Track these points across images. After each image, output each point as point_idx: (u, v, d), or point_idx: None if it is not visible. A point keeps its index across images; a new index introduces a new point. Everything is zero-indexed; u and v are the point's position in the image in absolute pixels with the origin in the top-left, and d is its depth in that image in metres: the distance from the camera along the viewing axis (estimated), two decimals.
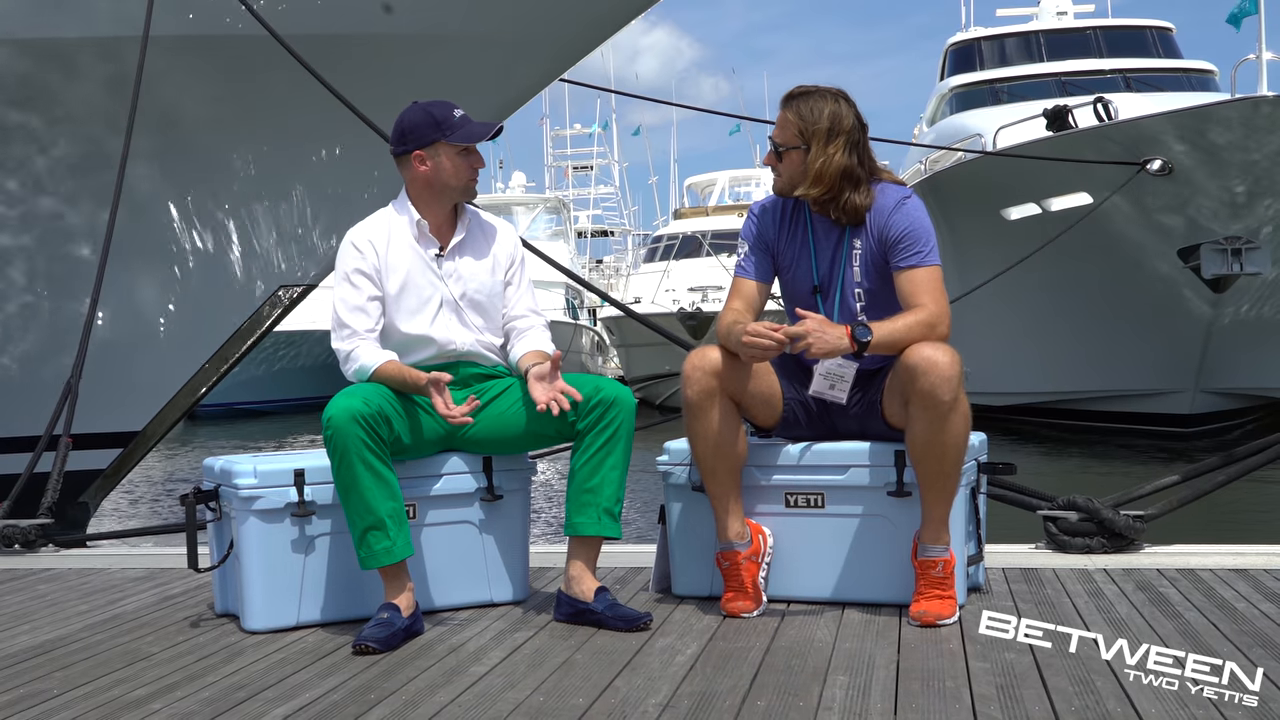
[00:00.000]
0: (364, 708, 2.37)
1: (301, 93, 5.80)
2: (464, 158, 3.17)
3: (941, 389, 2.84)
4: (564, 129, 52.36)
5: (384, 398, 3.02)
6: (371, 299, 3.16)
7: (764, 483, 3.17)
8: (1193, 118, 11.67)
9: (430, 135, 3.13)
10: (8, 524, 4.53)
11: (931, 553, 2.94)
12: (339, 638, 2.98)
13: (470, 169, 3.18)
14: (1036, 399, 15.76)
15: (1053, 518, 3.75)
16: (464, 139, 3.14)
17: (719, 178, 36.16)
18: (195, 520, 3.23)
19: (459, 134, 3.13)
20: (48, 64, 6.21)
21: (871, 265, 3.10)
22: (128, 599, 3.57)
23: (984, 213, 14.23)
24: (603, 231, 49.17)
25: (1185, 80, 18.05)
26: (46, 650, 2.96)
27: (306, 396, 24.88)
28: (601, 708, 2.31)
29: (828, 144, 3.03)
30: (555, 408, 3.01)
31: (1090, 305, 13.83)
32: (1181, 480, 4.16)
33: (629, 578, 3.54)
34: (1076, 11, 21.54)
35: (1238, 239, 11.97)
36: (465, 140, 3.14)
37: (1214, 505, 5.10)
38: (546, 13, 6.81)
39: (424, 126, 3.13)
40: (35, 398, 5.72)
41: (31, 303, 6.82)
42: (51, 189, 6.58)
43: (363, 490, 2.94)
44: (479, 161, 3.20)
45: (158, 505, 11.76)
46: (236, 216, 7.05)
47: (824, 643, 2.74)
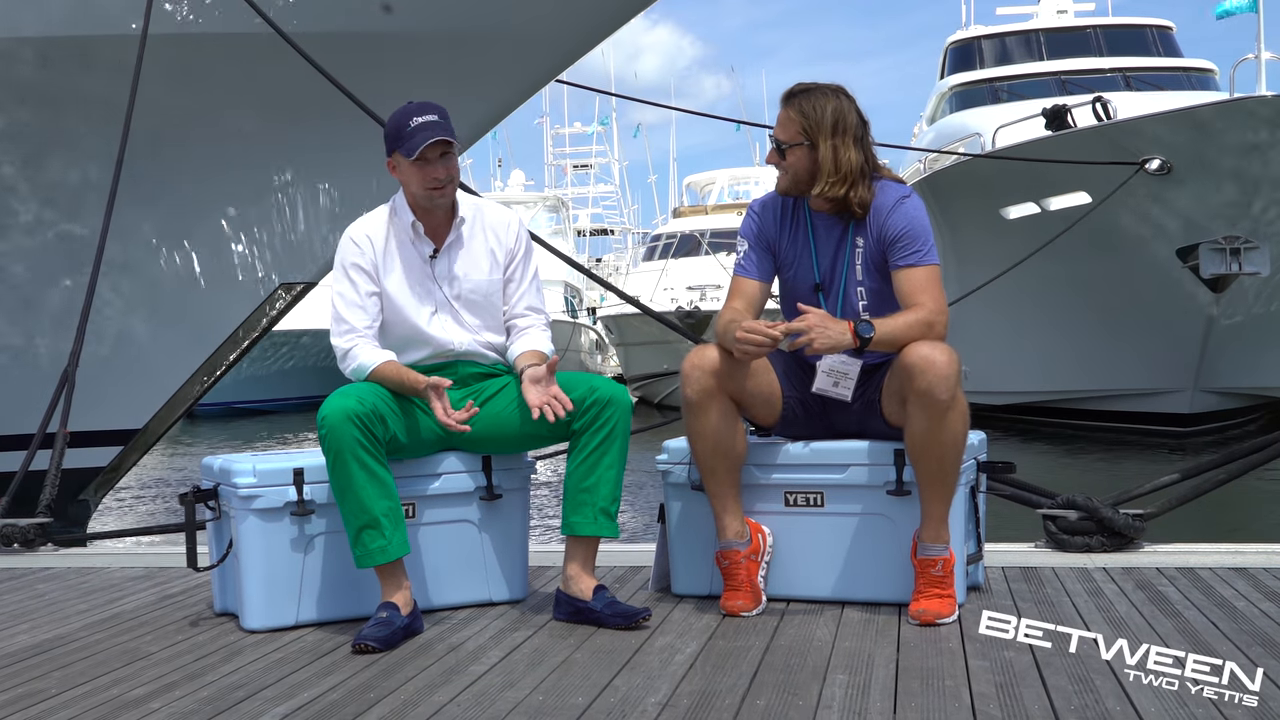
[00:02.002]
0: (363, 707, 2.37)
1: (304, 89, 5.80)
2: (418, 168, 3.08)
3: (939, 388, 2.84)
4: (564, 127, 52.42)
5: (379, 397, 3.02)
6: (370, 295, 3.16)
7: (763, 481, 3.17)
8: (1192, 117, 11.67)
9: (390, 145, 3.11)
10: (7, 523, 4.53)
11: (931, 551, 2.94)
12: (338, 637, 2.97)
13: (425, 178, 3.09)
14: (1035, 398, 15.77)
15: (1052, 516, 3.75)
16: (407, 153, 3.06)
17: (718, 176, 36.18)
18: (194, 519, 3.23)
19: (405, 146, 3.07)
20: (66, 61, 6.21)
21: (872, 263, 3.10)
22: (127, 598, 3.57)
23: (983, 212, 14.24)
24: (602, 230, 49.19)
25: (1185, 79, 18.06)
26: (45, 649, 2.96)
27: (306, 395, 24.88)
28: (601, 707, 2.30)
29: (837, 140, 3.03)
30: (550, 413, 3.00)
31: (1089, 305, 13.84)
32: (1181, 479, 4.17)
33: (628, 577, 3.53)
34: (1076, 10, 21.56)
35: (1236, 238, 11.97)
36: (407, 155, 3.06)
37: (1214, 504, 5.10)
38: (545, 12, 6.81)
39: (389, 135, 3.11)
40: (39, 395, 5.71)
41: (33, 298, 6.82)
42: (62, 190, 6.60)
43: (357, 489, 2.94)
44: (437, 172, 3.09)
45: (156, 505, 11.76)
46: (237, 214, 7.05)
47: (823, 641, 2.74)
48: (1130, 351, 13.78)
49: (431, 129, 3.06)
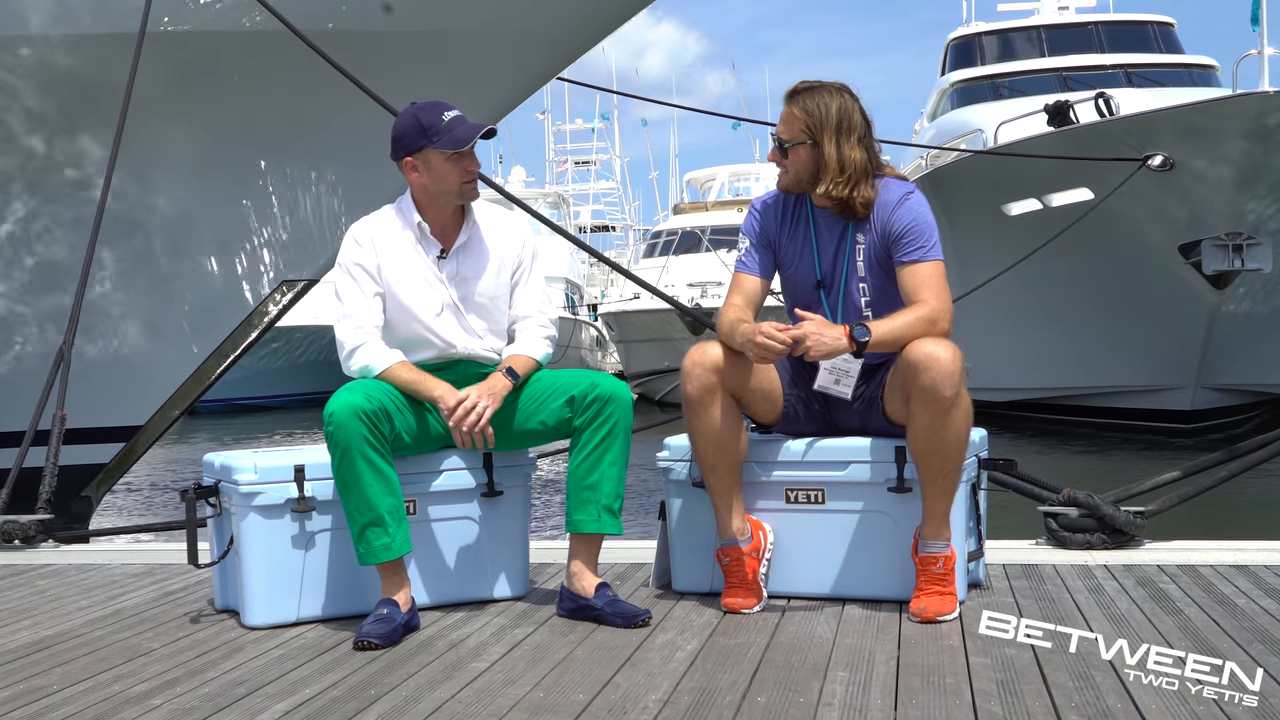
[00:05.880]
0: (364, 703, 2.37)
1: (308, 85, 5.80)
2: (454, 163, 3.09)
3: (943, 385, 2.83)
4: (565, 124, 52.35)
5: (385, 394, 3.02)
6: (374, 294, 3.16)
7: (764, 479, 3.17)
8: (1195, 113, 11.65)
9: (418, 142, 3.08)
10: (8, 520, 4.54)
11: (932, 549, 2.94)
12: (339, 633, 2.98)
13: (462, 173, 3.11)
14: (1038, 395, 15.75)
15: (1053, 514, 3.74)
16: (450, 145, 3.06)
17: (719, 173, 36.12)
18: (195, 516, 3.23)
19: (445, 140, 3.06)
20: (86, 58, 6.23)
21: (875, 260, 3.10)
22: (128, 594, 3.58)
23: (985, 208, 14.22)
24: (603, 226, 49.14)
25: (1187, 75, 18.03)
26: (47, 645, 2.96)
27: (307, 392, 24.89)
28: (602, 704, 2.31)
29: (841, 139, 3.02)
30: (460, 440, 3.03)
31: (1091, 301, 13.82)
32: (1182, 476, 4.16)
33: (629, 574, 3.54)
34: (1078, 6, 21.52)
35: (1239, 235, 11.95)
36: (451, 146, 3.06)
37: (1215, 501, 5.10)
38: (545, 10, 6.81)
39: (412, 133, 3.08)
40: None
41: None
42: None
43: (363, 486, 2.94)
44: (473, 164, 3.13)
45: (157, 501, 11.77)
46: (240, 211, 7.05)
47: (824, 639, 2.74)
48: (1132, 348, 13.77)
49: (469, 122, 3.08)
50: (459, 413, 3.01)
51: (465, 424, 3.00)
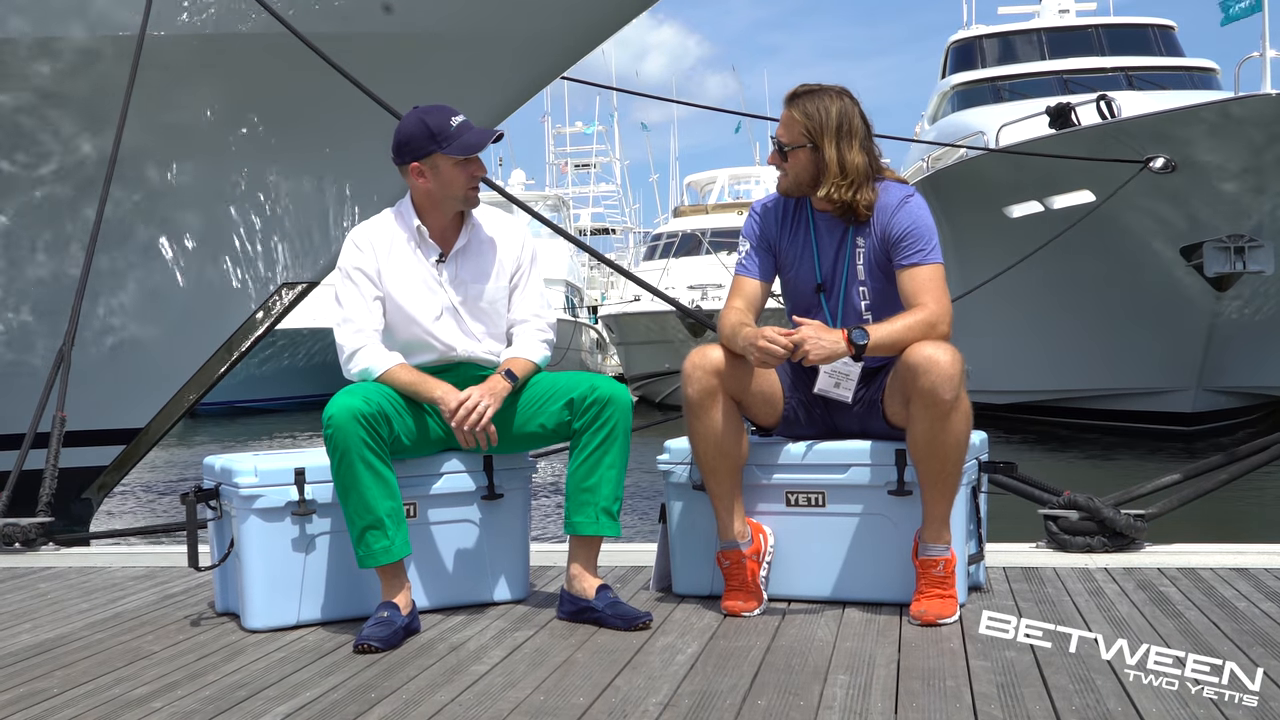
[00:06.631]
0: (365, 706, 2.37)
1: (308, 88, 5.80)
2: (462, 168, 3.10)
3: (943, 388, 2.83)
4: (565, 126, 52.41)
5: (385, 397, 3.02)
6: (374, 298, 3.16)
7: (765, 482, 3.17)
8: (1198, 115, 11.65)
9: (426, 147, 3.07)
10: (8, 523, 4.54)
11: (932, 552, 2.94)
12: (339, 636, 2.98)
13: (469, 179, 3.12)
14: (1038, 397, 15.75)
15: (1053, 516, 3.74)
16: (460, 150, 3.06)
17: (719, 175, 36.16)
18: (196, 519, 3.23)
19: (455, 145, 3.06)
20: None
21: (875, 263, 3.10)
22: (128, 597, 3.58)
23: (986, 210, 14.22)
24: (603, 229, 49.16)
25: (1187, 78, 18.04)
26: (47, 649, 2.96)
27: (308, 394, 24.89)
28: (602, 707, 2.30)
29: (841, 142, 3.03)
30: (463, 440, 3.04)
31: (1093, 303, 13.82)
32: (1183, 479, 4.16)
33: (629, 576, 3.54)
34: (1078, 9, 21.55)
35: (1241, 237, 11.96)
36: (462, 152, 3.07)
37: (1215, 504, 5.10)
38: (546, 12, 6.81)
39: (420, 138, 3.07)
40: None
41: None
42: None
43: (362, 489, 2.94)
44: (480, 170, 3.13)
45: (158, 504, 11.77)
46: (239, 213, 7.05)
47: (825, 642, 2.74)
48: (1133, 350, 13.76)
49: (476, 127, 3.09)
50: (461, 413, 3.01)
51: (467, 423, 3.00)
